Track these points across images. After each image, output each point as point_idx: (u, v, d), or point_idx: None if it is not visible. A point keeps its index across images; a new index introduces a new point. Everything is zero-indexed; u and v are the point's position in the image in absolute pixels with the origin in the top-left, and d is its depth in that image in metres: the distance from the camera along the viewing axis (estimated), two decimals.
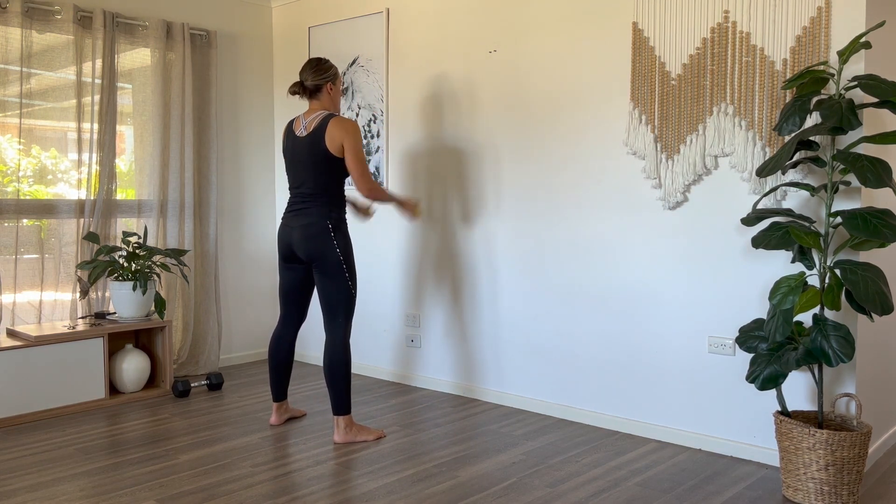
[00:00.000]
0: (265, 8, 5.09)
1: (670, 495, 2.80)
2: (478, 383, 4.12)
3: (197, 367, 4.68)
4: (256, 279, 5.11)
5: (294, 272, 3.50)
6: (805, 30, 2.95)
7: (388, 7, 4.42)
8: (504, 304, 3.98)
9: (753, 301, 3.14)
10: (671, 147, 3.33)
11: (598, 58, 3.55)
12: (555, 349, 3.78)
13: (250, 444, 3.36)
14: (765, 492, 2.84)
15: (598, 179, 3.58)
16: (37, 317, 4.12)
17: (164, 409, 3.94)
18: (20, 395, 3.68)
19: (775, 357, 2.73)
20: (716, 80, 3.18)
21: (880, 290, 2.56)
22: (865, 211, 2.59)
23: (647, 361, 3.46)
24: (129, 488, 2.85)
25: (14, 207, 3.97)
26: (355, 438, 3.40)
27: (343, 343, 3.36)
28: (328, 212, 3.36)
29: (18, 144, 3.98)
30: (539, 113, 3.78)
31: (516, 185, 3.89)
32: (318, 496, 2.78)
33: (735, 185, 3.18)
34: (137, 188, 4.48)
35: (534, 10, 3.78)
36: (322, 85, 3.41)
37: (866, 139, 2.67)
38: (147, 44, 4.40)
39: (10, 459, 3.17)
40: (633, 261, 3.48)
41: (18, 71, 3.94)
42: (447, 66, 4.15)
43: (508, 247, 3.94)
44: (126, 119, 4.45)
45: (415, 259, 4.39)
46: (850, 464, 2.65)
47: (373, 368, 4.63)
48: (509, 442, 3.39)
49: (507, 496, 2.78)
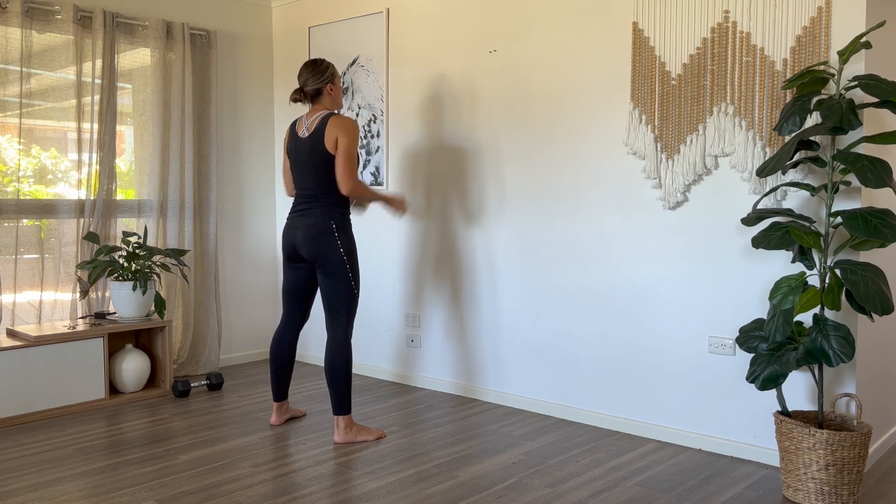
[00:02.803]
0: (265, 8, 5.09)
1: (670, 495, 2.80)
2: (478, 383, 4.12)
3: (197, 367, 4.68)
4: (256, 279, 5.11)
5: (298, 272, 3.50)
6: (805, 30, 2.95)
7: (388, 7, 4.42)
8: (504, 305, 3.98)
9: (753, 301, 3.14)
10: (671, 147, 3.33)
11: (598, 58, 3.55)
12: (555, 349, 3.78)
13: (250, 444, 3.36)
14: (765, 492, 2.84)
15: (599, 179, 3.58)
16: (37, 317, 4.12)
17: (164, 409, 3.94)
18: (20, 395, 3.68)
19: (775, 357, 2.73)
20: (716, 80, 3.18)
21: (880, 290, 2.56)
22: (865, 211, 2.59)
23: (648, 361, 3.46)
24: (129, 488, 2.85)
25: (14, 207, 3.97)
26: (355, 438, 3.40)
27: (344, 343, 3.36)
28: (332, 212, 3.36)
29: (18, 144, 3.98)
30: (539, 113, 3.78)
31: (516, 185, 3.89)
32: (318, 496, 2.78)
33: (735, 185, 3.18)
34: (137, 188, 4.48)
35: (534, 10, 3.78)
36: (322, 88, 3.41)
37: (866, 139, 2.67)
38: (147, 44, 4.40)
39: (10, 459, 3.17)
40: (634, 261, 3.48)
41: (18, 71, 3.94)
42: (447, 65, 4.15)
43: (508, 247, 3.94)
44: (126, 119, 4.45)
45: (415, 259, 4.39)
46: (850, 464, 2.65)
47: (373, 368, 4.63)
48: (509, 442, 3.39)
49: (507, 496, 2.78)
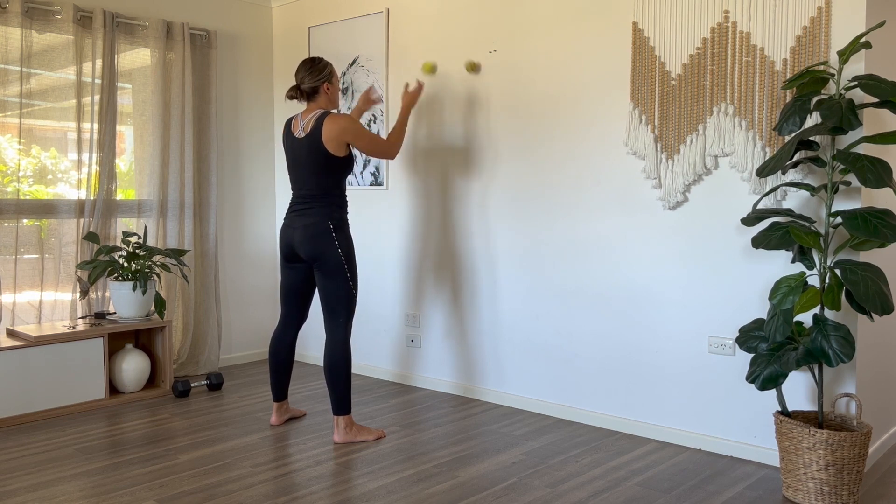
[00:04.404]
0: (265, 8, 5.09)
1: (670, 495, 2.80)
2: (478, 383, 4.12)
3: (197, 367, 4.67)
4: (256, 279, 5.11)
5: (295, 272, 3.50)
6: (805, 30, 2.95)
7: (388, 7, 4.42)
8: (504, 305, 3.98)
9: (753, 301, 3.14)
10: (671, 147, 3.33)
11: (598, 58, 3.55)
12: (555, 349, 3.78)
13: (250, 444, 3.36)
14: (765, 492, 2.84)
15: (598, 179, 3.58)
16: (37, 317, 4.12)
17: (164, 409, 3.94)
18: (20, 395, 3.68)
19: (775, 357, 2.73)
20: (716, 80, 3.18)
21: (880, 290, 2.56)
22: (865, 211, 2.59)
23: (648, 361, 3.46)
24: (129, 488, 2.85)
25: (14, 207, 3.97)
26: (355, 438, 3.40)
27: (344, 343, 3.36)
28: (330, 212, 3.36)
29: (18, 144, 3.97)
30: (539, 113, 3.78)
31: (516, 185, 3.89)
32: (318, 496, 2.78)
33: (735, 185, 3.18)
34: (137, 188, 4.48)
35: (534, 10, 3.77)
36: (318, 87, 3.40)
37: (866, 139, 2.67)
38: (147, 44, 4.40)
39: (10, 459, 3.17)
40: (634, 261, 3.48)
41: (18, 71, 3.93)
42: (447, 66, 4.15)
43: (508, 247, 3.94)
44: (126, 119, 4.45)
45: (415, 259, 4.38)
46: (850, 464, 2.65)
47: (373, 368, 4.63)
48: (509, 442, 3.39)
49: (507, 496, 2.78)
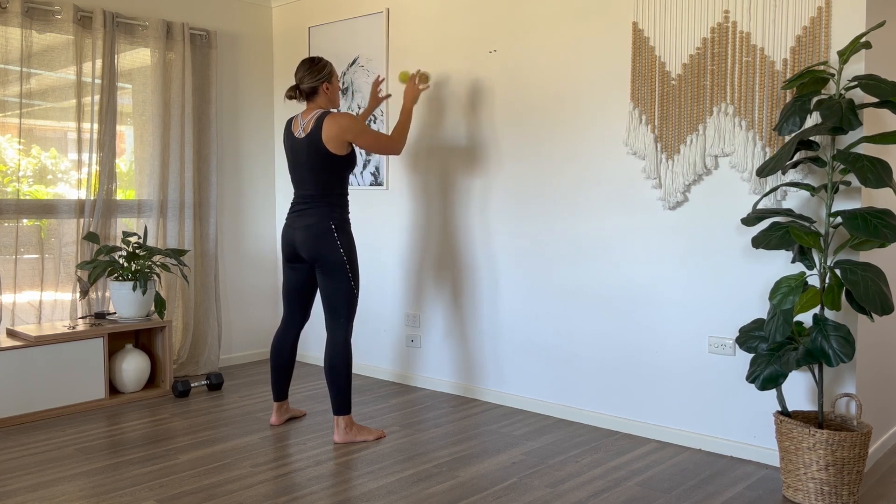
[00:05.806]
0: (265, 8, 5.09)
1: (670, 495, 2.80)
2: (478, 383, 4.12)
3: (197, 367, 4.67)
4: (256, 279, 5.11)
5: (297, 272, 3.50)
6: (805, 30, 2.95)
7: (388, 7, 4.42)
8: (504, 304, 3.98)
9: (753, 301, 3.14)
10: (671, 147, 3.33)
11: (598, 58, 3.55)
12: (555, 349, 3.78)
13: (250, 444, 3.36)
14: (765, 492, 2.84)
15: (599, 179, 3.58)
16: (37, 317, 4.12)
17: (164, 409, 3.94)
18: (20, 395, 3.68)
19: (775, 357, 2.73)
20: (716, 80, 3.18)
21: (880, 290, 2.56)
22: (865, 211, 2.59)
23: (648, 361, 3.46)
24: (129, 488, 2.85)
25: (14, 207, 3.97)
26: (355, 438, 3.40)
27: (344, 343, 3.36)
28: (331, 212, 3.36)
29: (18, 144, 3.97)
30: (539, 113, 3.78)
31: (516, 185, 3.89)
32: (318, 496, 2.78)
33: (735, 185, 3.18)
34: (137, 188, 4.48)
35: (534, 10, 3.77)
36: (318, 86, 3.40)
37: (866, 139, 2.67)
38: (147, 44, 4.40)
39: (10, 459, 3.17)
40: (634, 261, 3.48)
41: (18, 71, 3.93)
42: (447, 66, 4.15)
43: (508, 247, 3.94)
44: (126, 119, 4.45)
45: (415, 259, 4.38)
46: (850, 464, 2.65)
47: (373, 368, 4.63)
48: (509, 442, 3.39)
49: (507, 496, 2.78)
